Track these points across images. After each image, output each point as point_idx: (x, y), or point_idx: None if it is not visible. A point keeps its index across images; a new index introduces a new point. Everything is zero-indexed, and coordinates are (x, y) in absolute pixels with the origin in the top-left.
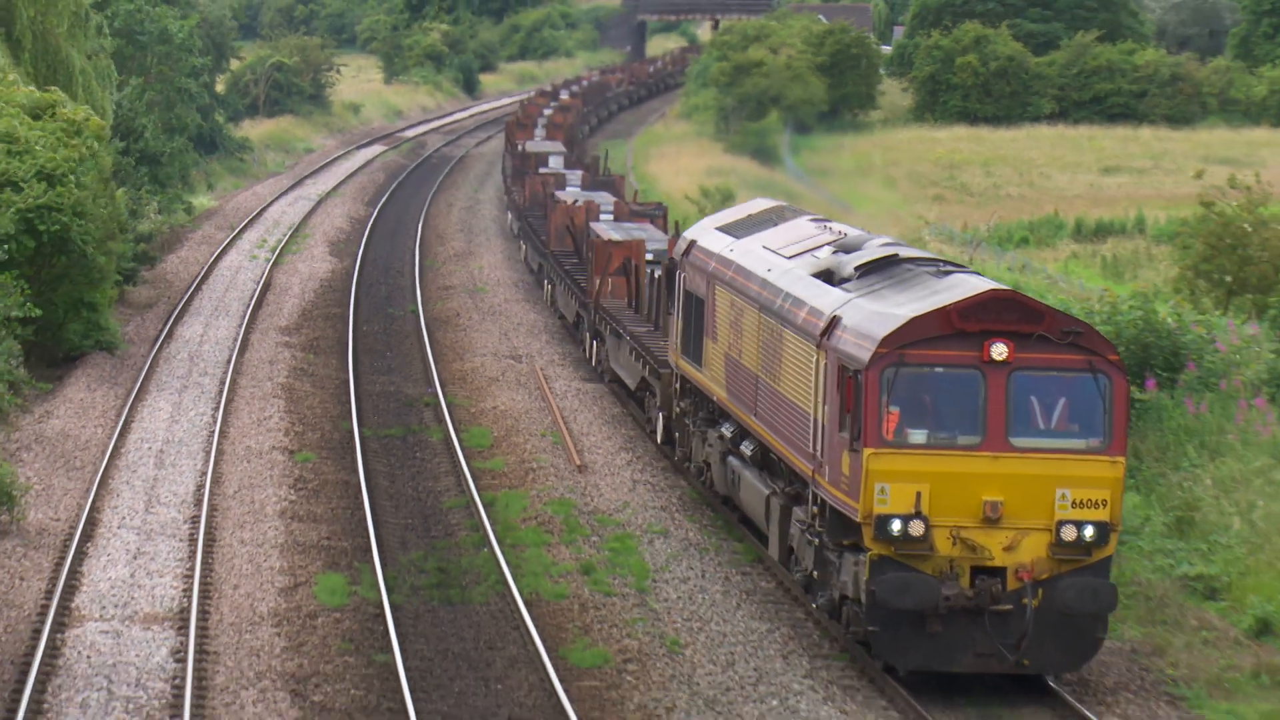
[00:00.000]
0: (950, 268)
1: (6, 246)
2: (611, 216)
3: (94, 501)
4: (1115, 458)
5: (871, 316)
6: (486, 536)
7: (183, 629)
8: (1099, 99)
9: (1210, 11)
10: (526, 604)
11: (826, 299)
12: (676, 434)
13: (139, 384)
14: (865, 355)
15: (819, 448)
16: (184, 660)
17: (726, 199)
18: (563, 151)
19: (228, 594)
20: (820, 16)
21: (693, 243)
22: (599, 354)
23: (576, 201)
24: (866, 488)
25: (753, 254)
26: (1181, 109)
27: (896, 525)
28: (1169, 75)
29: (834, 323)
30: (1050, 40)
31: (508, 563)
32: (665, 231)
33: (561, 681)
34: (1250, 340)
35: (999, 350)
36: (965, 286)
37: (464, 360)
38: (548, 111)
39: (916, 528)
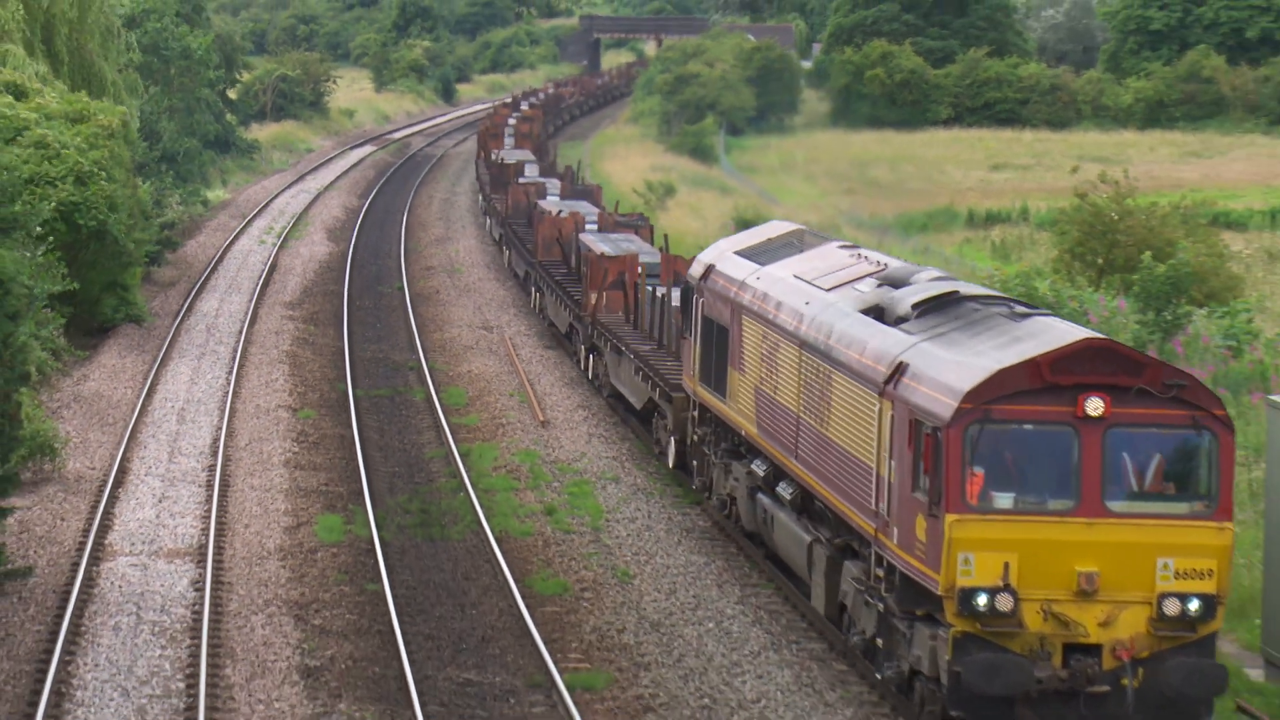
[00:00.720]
0: (1024, 308)
1: (49, 236)
2: (596, 227)
3: (124, 453)
4: (1222, 523)
5: (948, 366)
6: (463, 482)
7: (201, 562)
8: (989, 105)
9: (1084, 30)
10: (497, 540)
11: (886, 341)
12: (694, 462)
13: (163, 351)
14: (946, 411)
15: (884, 505)
16: (202, 589)
17: (668, 192)
18: (535, 160)
19: (240, 532)
20: (749, 35)
21: (711, 267)
22: (596, 369)
23: (561, 212)
24: (948, 557)
25: (784, 283)
26: (1059, 114)
27: (982, 599)
28: (1048, 85)
29: (900, 369)
30: (947, 55)
31: (481, 505)
32: (651, 243)
33: (527, 607)
34: (1117, 312)
35: (1094, 405)
36: (1052, 333)
37: (443, 331)
38: (513, 121)
39: (1004, 602)
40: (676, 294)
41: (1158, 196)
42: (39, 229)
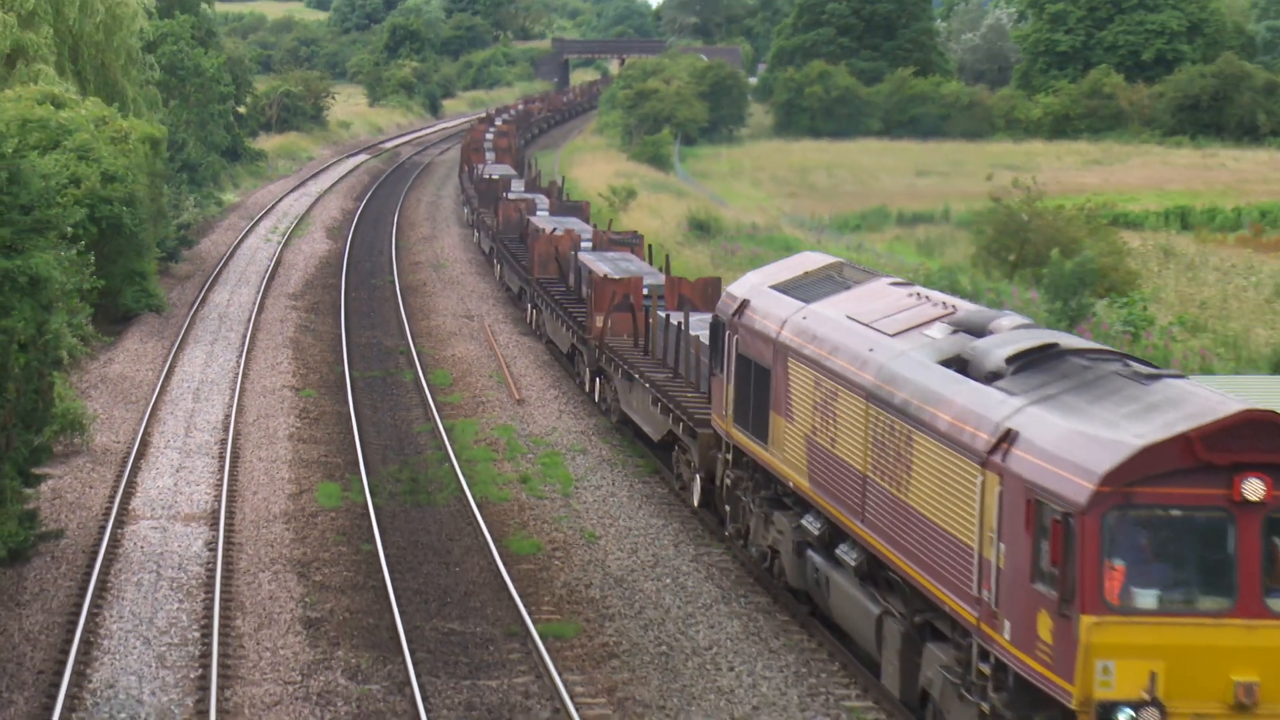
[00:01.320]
0: (1146, 367)
1: (79, 234)
2: (591, 245)
3: (145, 428)
4: None
5: (1074, 438)
6: (447, 454)
7: (214, 525)
8: (914, 119)
9: (999, 52)
10: (478, 505)
11: (982, 401)
12: (726, 507)
13: (180, 337)
14: (1080, 494)
15: (989, 593)
16: (215, 549)
17: (630, 195)
18: (517, 175)
19: (249, 498)
20: (702, 55)
21: (745, 302)
22: (604, 393)
23: (556, 230)
24: (1085, 666)
25: (837, 325)
26: (976, 127)
27: (1125, 717)
28: (967, 101)
29: (1008, 438)
30: (877, 74)
31: (463, 474)
32: (647, 260)
33: (505, 565)
34: (1029, 301)
35: (1254, 489)
36: (1195, 402)
37: (429, 319)
38: (490, 136)
39: (1151, 717)
40: (694, 322)
41: (1064, 200)
42: (70, 229)
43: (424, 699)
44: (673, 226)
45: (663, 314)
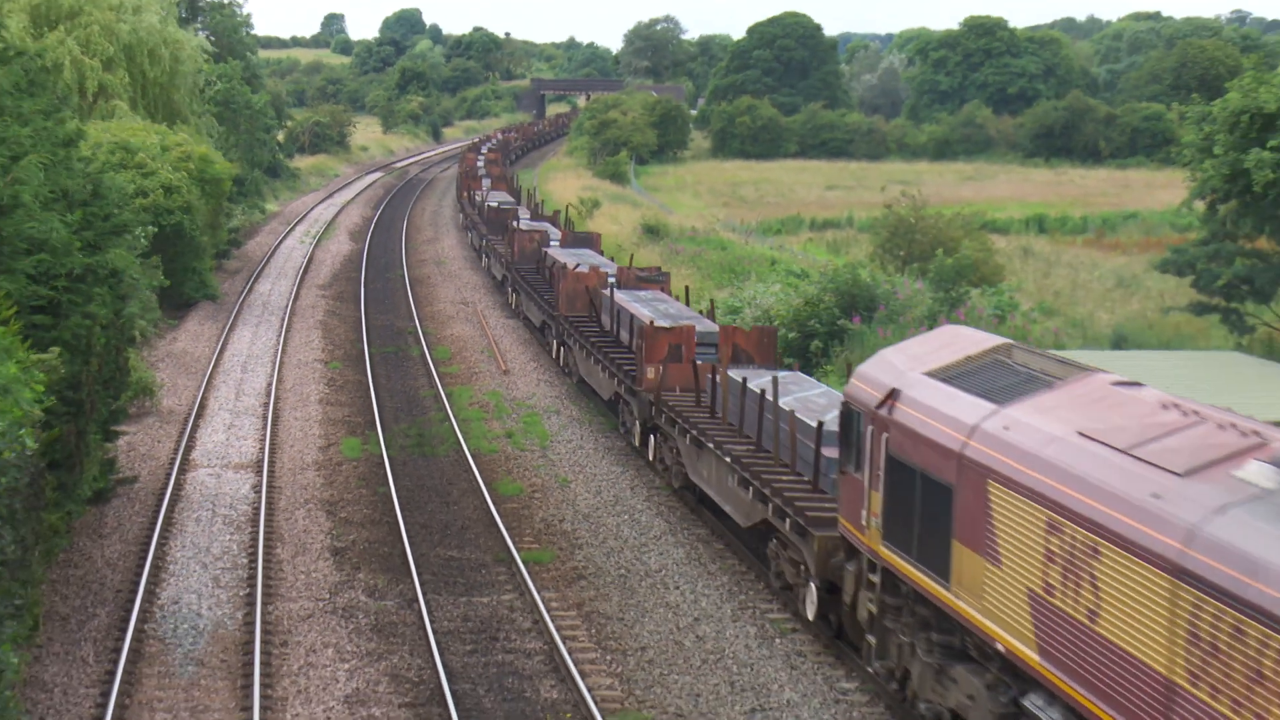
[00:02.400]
0: None
1: (145, 239)
2: (616, 282)
3: (203, 393)
4: None
5: None
6: (447, 415)
7: (258, 472)
8: (824, 143)
9: (892, 90)
10: (472, 456)
11: None
12: (870, 638)
13: (231, 320)
14: None
15: None
16: (259, 491)
17: (595, 205)
18: (516, 202)
19: (287, 450)
20: (652, 92)
21: (896, 392)
22: (661, 452)
23: (580, 266)
24: None
25: (1068, 447)
26: (874, 150)
27: None
28: (866, 129)
29: None
30: (794, 107)
31: (460, 431)
32: (673, 295)
33: (494, 504)
34: (917, 291)
35: None
36: None
37: (433, 305)
38: (480, 164)
39: None
40: (761, 382)
41: (944, 208)
42: (143, 240)
43: (429, 612)
44: (629, 230)
45: (736, 376)
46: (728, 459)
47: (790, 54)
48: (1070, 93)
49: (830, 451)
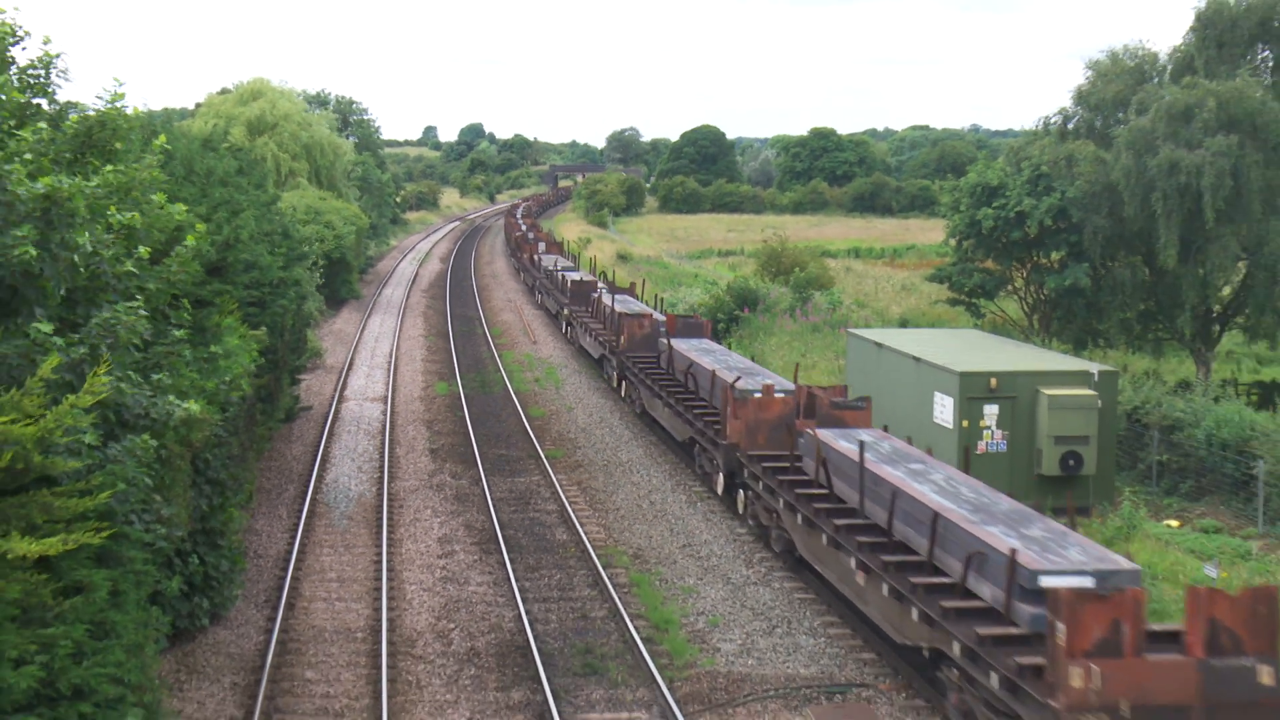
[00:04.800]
0: None
1: (321, 262)
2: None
3: (351, 355)
4: None
5: None
6: (499, 367)
7: (385, 403)
8: (726, 204)
9: (767, 171)
10: (515, 393)
11: None
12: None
13: (368, 311)
14: None
15: None
16: (385, 414)
17: (588, 241)
18: (576, 266)
19: (402, 389)
20: (623, 172)
21: None
22: (756, 511)
23: (741, 381)
24: None
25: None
26: (757, 208)
27: None
28: (752, 194)
29: None
30: (708, 181)
31: (507, 377)
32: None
33: (527, 421)
34: (782, 293)
35: None
36: None
37: (490, 302)
38: (523, 228)
39: None
40: (890, 468)
41: (798, 244)
42: (320, 263)
43: (488, 487)
44: (608, 257)
45: (842, 445)
46: (874, 568)
47: (706, 149)
48: (874, 174)
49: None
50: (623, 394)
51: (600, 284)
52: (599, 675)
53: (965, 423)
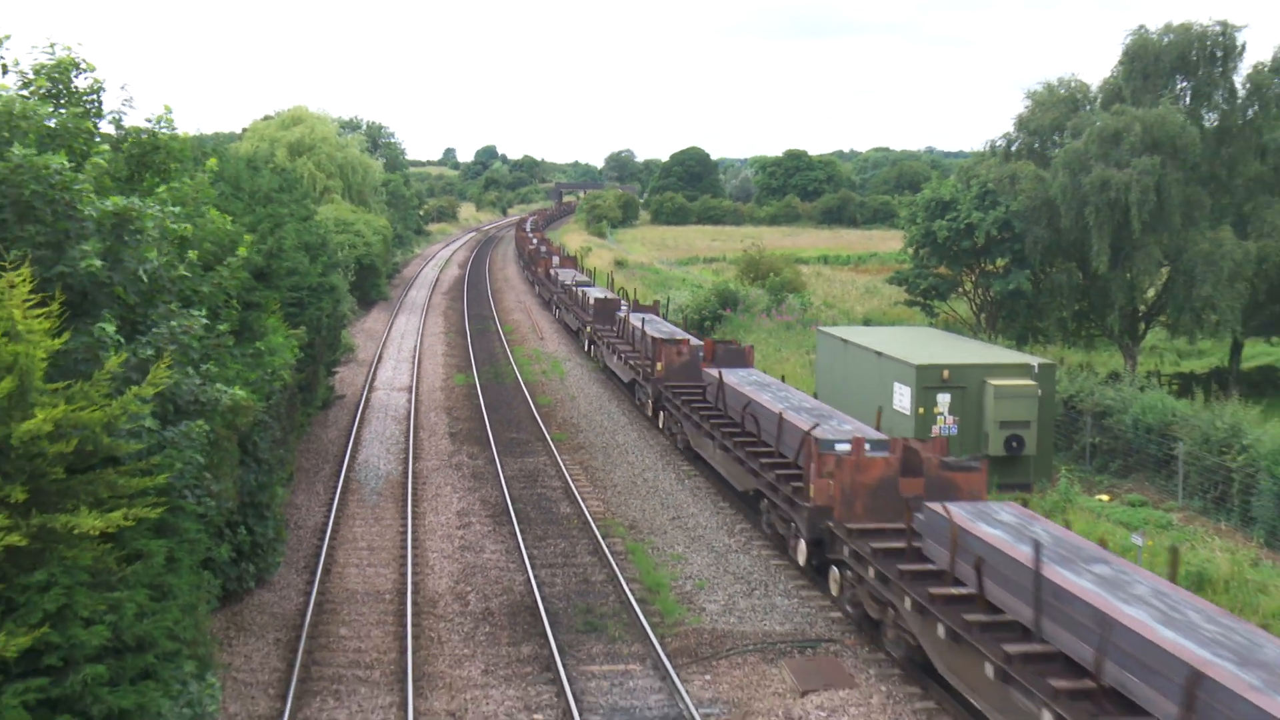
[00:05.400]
0: None
1: (353, 268)
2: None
3: (380, 350)
4: None
5: None
6: (510, 361)
7: (410, 392)
8: (711, 216)
9: (747, 187)
10: (525, 384)
11: None
12: None
13: (395, 311)
14: None
15: None
16: (411, 402)
17: (589, 250)
18: (592, 282)
19: (426, 380)
20: (619, 189)
21: None
22: (858, 596)
23: (817, 426)
24: None
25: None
26: (739, 220)
27: None
28: (733, 209)
29: None
30: (694, 197)
31: (517, 369)
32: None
33: (535, 408)
34: (760, 295)
35: None
36: None
37: (503, 303)
38: (534, 240)
39: None
40: (1015, 544)
41: (774, 252)
42: (352, 268)
43: (501, 466)
44: (607, 263)
45: (986, 534)
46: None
47: (692, 168)
48: (841, 190)
49: None
50: (660, 424)
51: (623, 303)
52: (599, 632)
53: (921, 410)
